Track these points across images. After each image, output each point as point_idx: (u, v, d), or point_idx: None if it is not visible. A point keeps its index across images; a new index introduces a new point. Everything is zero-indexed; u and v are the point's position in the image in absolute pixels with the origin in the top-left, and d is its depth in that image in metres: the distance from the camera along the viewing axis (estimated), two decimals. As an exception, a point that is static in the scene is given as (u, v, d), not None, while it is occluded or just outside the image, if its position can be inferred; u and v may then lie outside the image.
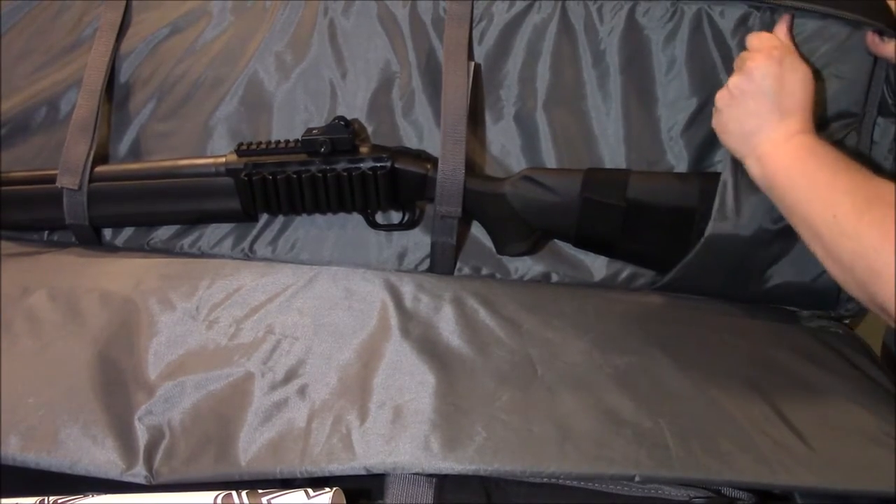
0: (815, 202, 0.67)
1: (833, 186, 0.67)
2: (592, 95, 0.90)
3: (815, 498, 0.62)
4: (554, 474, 0.60)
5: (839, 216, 0.65)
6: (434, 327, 0.75)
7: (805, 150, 0.71)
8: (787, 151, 0.71)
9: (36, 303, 0.77)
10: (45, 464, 0.62)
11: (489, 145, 0.92)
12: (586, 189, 0.84)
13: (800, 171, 0.69)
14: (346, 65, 0.93)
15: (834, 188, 0.67)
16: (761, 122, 0.73)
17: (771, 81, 0.73)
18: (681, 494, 0.63)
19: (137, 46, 0.96)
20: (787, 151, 0.71)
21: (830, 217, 0.65)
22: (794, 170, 0.70)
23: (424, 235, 0.92)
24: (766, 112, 0.73)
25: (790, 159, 0.71)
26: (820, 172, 0.68)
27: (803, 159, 0.70)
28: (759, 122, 0.73)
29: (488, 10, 0.90)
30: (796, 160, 0.70)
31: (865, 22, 0.82)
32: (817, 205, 0.67)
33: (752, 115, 0.73)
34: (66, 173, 0.90)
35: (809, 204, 0.68)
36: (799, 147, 0.71)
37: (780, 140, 0.72)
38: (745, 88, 0.74)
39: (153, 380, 0.69)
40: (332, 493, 0.58)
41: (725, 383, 0.69)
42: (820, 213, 0.66)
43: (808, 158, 0.70)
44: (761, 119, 0.73)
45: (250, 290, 0.79)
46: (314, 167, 0.86)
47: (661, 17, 0.88)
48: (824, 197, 0.67)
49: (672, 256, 0.84)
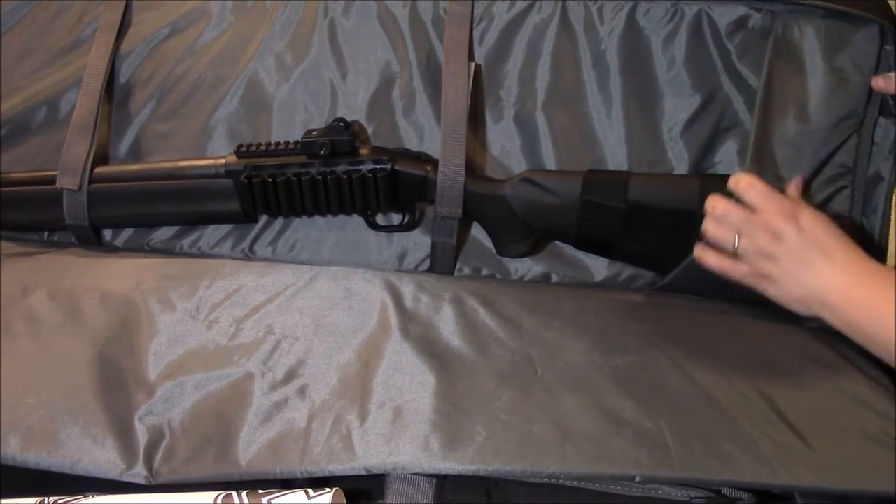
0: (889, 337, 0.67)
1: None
2: (592, 96, 0.90)
3: (815, 498, 0.62)
4: (554, 474, 0.60)
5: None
6: (434, 327, 0.75)
7: (865, 285, 0.70)
8: (851, 293, 0.70)
9: (36, 303, 0.77)
10: (45, 464, 0.62)
11: (489, 146, 0.92)
12: (587, 191, 0.84)
13: (871, 310, 0.69)
14: (346, 65, 0.93)
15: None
16: (820, 276, 0.71)
17: (801, 237, 0.72)
18: (681, 494, 0.62)
19: (137, 46, 0.96)
20: (851, 293, 0.70)
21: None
22: (875, 313, 0.68)
23: (424, 236, 0.92)
24: (820, 265, 0.71)
25: (857, 302, 0.70)
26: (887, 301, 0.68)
27: (868, 295, 0.69)
28: (817, 278, 0.72)
29: (488, 10, 0.90)
30: (862, 299, 0.69)
31: (866, 17, 0.82)
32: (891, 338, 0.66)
33: (810, 276, 0.72)
34: (65, 174, 0.90)
35: (886, 341, 0.67)
36: (859, 283, 0.70)
37: (846, 287, 0.70)
38: (786, 253, 0.73)
39: (153, 380, 0.68)
40: (332, 494, 0.58)
41: (725, 383, 0.69)
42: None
43: (872, 293, 0.69)
44: (818, 273, 0.71)
45: (250, 291, 0.79)
46: (314, 169, 0.86)
47: (661, 17, 0.88)
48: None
49: (672, 258, 0.84)
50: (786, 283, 0.73)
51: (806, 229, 0.72)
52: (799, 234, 0.72)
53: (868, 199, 0.87)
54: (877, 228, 0.87)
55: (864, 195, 0.87)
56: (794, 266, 0.72)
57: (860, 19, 0.84)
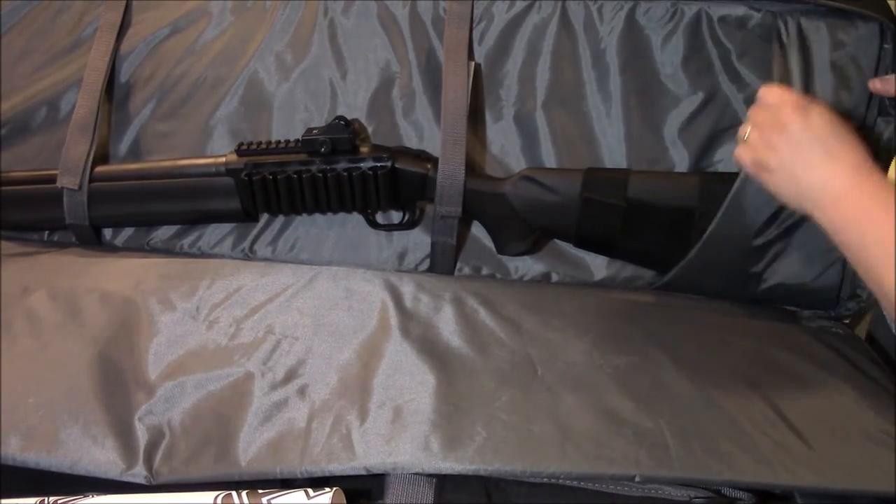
0: (875, 245, 0.64)
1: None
2: (592, 95, 0.90)
3: (815, 498, 0.62)
4: (554, 474, 0.60)
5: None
6: (434, 327, 0.75)
7: (861, 189, 0.67)
8: (844, 194, 0.67)
9: (36, 303, 0.77)
10: (45, 464, 0.62)
11: (489, 145, 0.92)
12: (586, 189, 0.84)
13: (861, 215, 0.66)
14: (346, 65, 0.93)
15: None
16: (817, 175, 0.69)
17: (807, 133, 0.69)
18: (681, 494, 0.62)
19: (137, 46, 0.96)
20: (844, 194, 0.67)
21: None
22: (862, 224, 0.66)
23: (424, 235, 0.92)
24: (818, 163, 0.69)
25: (849, 204, 0.67)
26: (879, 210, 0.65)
27: (861, 199, 0.66)
28: (814, 175, 0.69)
29: (488, 10, 0.90)
30: (855, 203, 0.67)
31: (866, 15, 0.82)
32: (878, 247, 0.64)
33: (805, 170, 0.69)
34: (66, 173, 0.90)
35: (871, 248, 0.65)
36: (855, 187, 0.67)
37: (840, 190, 0.68)
38: (788, 144, 0.70)
39: (153, 380, 0.69)
40: (332, 493, 0.58)
41: (725, 383, 0.69)
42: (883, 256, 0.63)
43: (865, 198, 0.66)
44: (816, 172, 0.69)
45: (250, 290, 0.79)
46: (314, 167, 0.86)
47: (661, 17, 0.88)
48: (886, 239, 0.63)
49: (672, 256, 0.84)
50: (782, 175, 0.71)
51: (813, 125, 0.69)
52: (804, 127, 0.69)
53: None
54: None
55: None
56: (793, 159, 0.70)
57: (860, 18, 0.84)
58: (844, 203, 0.67)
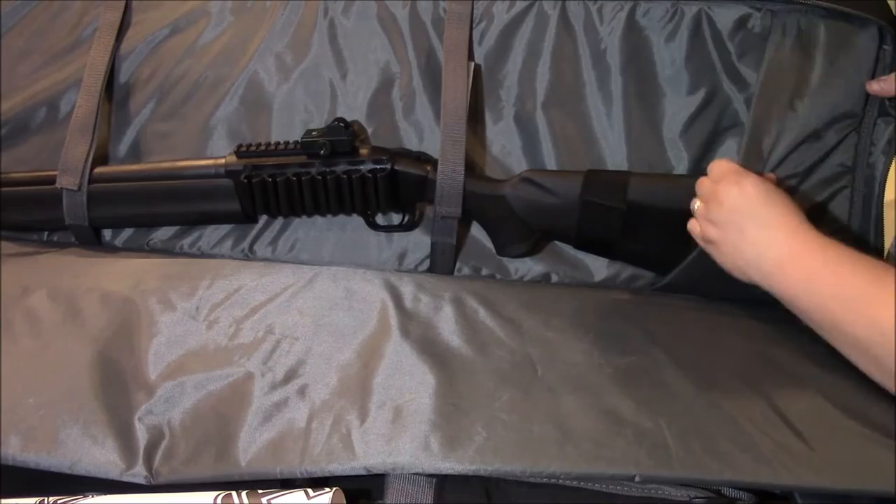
0: (820, 306, 0.65)
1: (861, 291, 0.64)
2: (592, 96, 0.90)
3: (815, 498, 0.62)
4: (554, 474, 0.60)
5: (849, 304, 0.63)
6: (434, 327, 0.75)
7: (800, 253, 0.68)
8: (796, 268, 0.68)
9: (36, 303, 0.77)
10: (45, 464, 0.62)
11: (489, 146, 0.92)
12: (587, 191, 0.84)
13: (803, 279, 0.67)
14: (346, 65, 0.93)
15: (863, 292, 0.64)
16: (755, 244, 0.71)
17: (740, 203, 0.71)
18: (681, 494, 0.62)
19: (137, 47, 0.96)
20: (796, 268, 0.68)
21: (841, 309, 0.64)
22: (814, 285, 0.67)
23: (424, 236, 0.92)
24: (755, 232, 0.71)
25: (804, 274, 0.68)
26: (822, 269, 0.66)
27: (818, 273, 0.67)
28: (753, 246, 0.71)
29: (488, 10, 0.91)
30: (797, 269, 0.68)
31: (865, 17, 0.82)
32: (850, 315, 0.64)
33: (745, 242, 0.71)
34: (65, 174, 0.90)
35: (816, 309, 0.66)
36: (794, 252, 0.68)
37: (784, 257, 0.69)
38: (725, 218, 0.72)
39: (153, 380, 0.68)
40: (332, 493, 0.58)
41: (725, 383, 0.69)
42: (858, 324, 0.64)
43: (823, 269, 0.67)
44: (754, 241, 0.71)
45: (250, 290, 0.79)
46: (314, 169, 0.86)
47: (661, 17, 0.88)
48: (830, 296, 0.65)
49: (672, 258, 0.84)
50: (725, 248, 0.73)
51: (747, 196, 0.71)
52: (738, 198, 0.71)
53: (868, 199, 0.87)
54: (871, 228, 0.88)
55: (864, 195, 0.87)
56: (732, 232, 0.72)
57: (859, 19, 0.84)
58: (791, 268, 0.68)
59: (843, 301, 0.65)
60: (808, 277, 0.67)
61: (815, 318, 0.68)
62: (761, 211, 0.71)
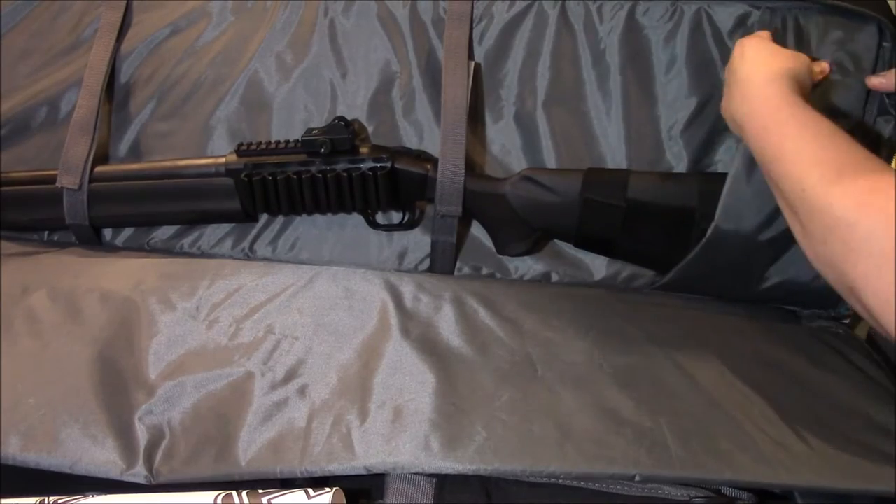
0: (785, 177, 0.65)
1: (800, 156, 0.64)
2: (592, 95, 0.90)
3: (815, 497, 0.62)
4: (554, 474, 0.60)
5: (808, 190, 0.62)
6: (434, 327, 0.75)
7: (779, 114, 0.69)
8: (763, 114, 0.70)
9: (36, 303, 0.77)
10: (45, 464, 0.62)
11: (489, 145, 0.92)
12: (586, 189, 0.84)
13: (773, 140, 0.68)
14: (346, 65, 0.93)
15: (801, 159, 0.64)
16: (734, 100, 0.73)
17: (737, 62, 0.74)
18: (681, 494, 0.62)
19: (138, 47, 0.96)
20: (763, 114, 0.70)
21: (800, 191, 0.63)
22: (768, 136, 0.68)
23: (424, 235, 0.92)
24: (737, 88, 0.73)
25: (765, 121, 0.69)
26: (788, 141, 0.66)
27: (776, 126, 0.68)
28: (733, 99, 0.74)
29: (488, 9, 0.90)
30: (770, 125, 0.69)
31: (865, 14, 0.82)
32: (787, 181, 0.65)
33: (731, 94, 0.74)
34: (66, 173, 0.90)
35: (781, 179, 0.66)
36: (774, 110, 0.69)
37: (760, 100, 0.71)
38: (728, 72, 0.76)
39: (153, 379, 0.69)
40: (332, 493, 0.58)
41: (725, 383, 0.69)
42: (791, 187, 0.64)
43: (781, 126, 0.68)
44: (733, 96, 0.74)
45: (250, 290, 0.79)
46: (314, 167, 0.86)
47: (661, 16, 0.88)
48: (793, 171, 0.64)
49: (672, 256, 0.84)
50: (736, 92, 0.74)
51: (743, 56, 0.74)
52: (736, 58, 0.75)
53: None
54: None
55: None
56: (729, 85, 0.76)
57: (859, 16, 0.84)
58: (751, 122, 0.70)
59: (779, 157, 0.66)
60: (767, 127, 0.69)
61: (773, 178, 0.68)
62: (743, 70, 0.73)
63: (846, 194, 0.59)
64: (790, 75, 0.72)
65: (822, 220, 0.60)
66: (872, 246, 0.56)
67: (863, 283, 0.57)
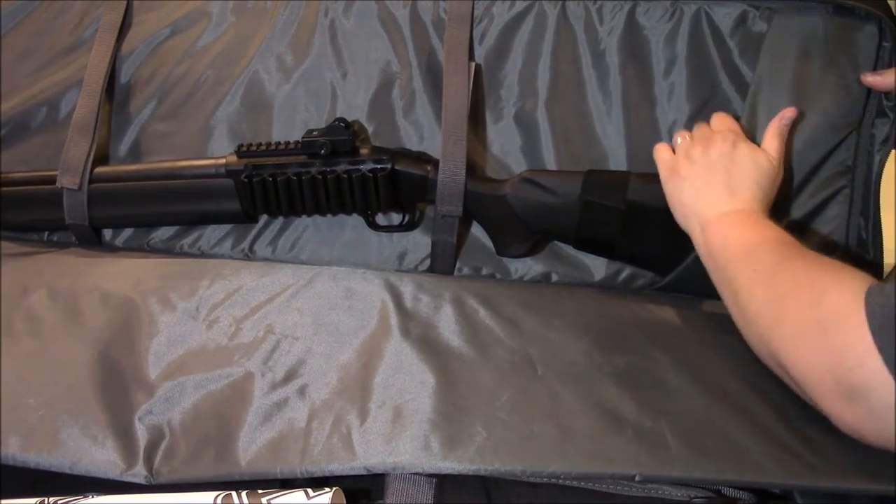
0: (738, 262, 0.69)
1: (759, 247, 0.69)
2: (592, 95, 0.90)
3: (815, 497, 0.62)
4: (554, 474, 0.60)
5: (760, 266, 0.67)
6: (434, 327, 0.75)
7: (742, 220, 0.73)
8: (727, 221, 0.73)
9: (36, 303, 0.77)
10: (45, 464, 0.62)
11: (489, 145, 0.92)
12: (586, 191, 0.84)
13: (733, 237, 0.71)
14: (346, 65, 0.93)
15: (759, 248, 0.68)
16: (713, 197, 0.75)
17: (725, 162, 0.76)
18: (681, 494, 0.62)
19: (138, 47, 0.96)
20: (727, 221, 0.73)
21: (751, 271, 0.67)
22: (728, 237, 0.72)
23: (424, 236, 0.92)
24: (719, 189, 0.75)
25: (727, 228, 0.73)
26: (752, 234, 0.70)
27: (739, 226, 0.72)
28: (711, 196, 0.75)
29: (489, 10, 0.91)
30: (734, 228, 0.72)
31: (865, 13, 0.82)
32: (741, 263, 0.69)
33: (707, 190, 0.76)
34: (66, 173, 0.90)
35: (734, 264, 0.69)
36: (738, 218, 0.73)
37: (724, 211, 0.74)
38: (704, 163, 0.77)
39: (153, 380, 0.68)
40: (332, 493, 0.58)
41: (726, 383, 0.69)
42: (742, 270, 0.68)
43: (743, 226, 0.72)
44: (713, 194, 0.75)
45: (250, 290, 0.79)
46: (314, 169, 0.86)
47: (661, 16, 0.88)
48: (748, 257, 0.68)
49: (672, 258, 0.84)
50: (686, 186, 0.77)
51: (735, 158, 0.76)
52: (726, 155, 0.76)
53: (866, 199, 0.87)
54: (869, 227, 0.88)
55: (863, 195, 0.87)
56: (701, 177, 0.76)
57: (859, 16, 0.84)
58: (716, 227, 0.73)
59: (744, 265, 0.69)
60: (728, 233, 0.72)
61: (719, 285, 0.73)
62: (734, 178, 0.75)
63: (789, 270, 0.64)
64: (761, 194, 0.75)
65: (760, 295, 0.66)
66: (797, 315, 0.61)
67: (784, 352, 0.62)
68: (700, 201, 0.76)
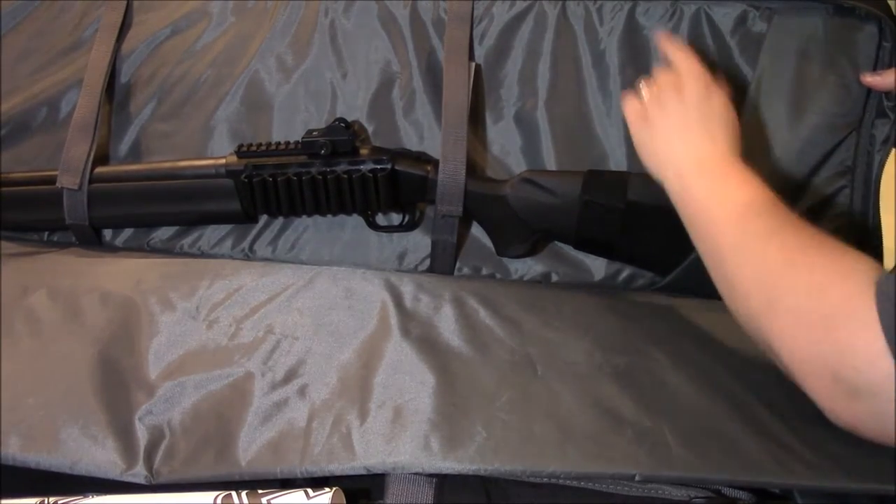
0: (724, 222, 0.65)
1: (747, 209, 0.64)
2: (592, 95, 0.90)
3: (815, 497, 0.62)
4: (554, 474, 0.60)
5: (748, 234, 0.63)
6: (434, 327, 0.75)
7: (726, 171, 0.69)
8: (708, 170, 0.69)
9: (36, 303, 0.77)
10: (46, 464, 0.62)
11: (489, 145, 0.92)
12: (586, 191, 0.84)
13: (717, 191, 0.67)
14: (346, 65, 0.93)
15: (748, 211, 0.64)
16: (691, 143, 0.71)
17: (702, 106, 0.72)
18: (681, 494, 0.62)
19: (138, 47, 0.96)
20: (708, 170, 0.69)
21: (740, 235, 0.63)
22: (712, 189, 0.68)
23: (424, 236, 0.92)
24: (697, 134, 0.71)
25: (709, 179, 0.68)
26: (737, 191, 0.66)
27: (722, 178, 0.68)
28: (688, 142, 0.71)
29: (489, 10, 0.91)
30: (717, 180, 0.68)
31: (865, 12, 0.82)
32: (726, 225, 0.64)
33: (683, 135, 0.72)
34: (66, 173, 0.90)
35: (718, 224, 0.65)
36: (720, 168, 0.69)
37: (704, 159, 0.70)
38: (677, 109, 0.73)
39: (153, 380, 0.69)
40: (332, 493, 0.58)
41: (725, 383, 0.69)
42: (728, 233, 0.64)
43: (727, 179, 0.68)
44: (691, 140, 0.71)
45: (250, 290, 0.79)
46: (314, 169, 0.86)
47: (661, 16, 0.88)
48: (735, 218, 0.64)
49: (672, 258, 0.84)
50: (660, 134, 0.73)
51: (711, 101, 0.73)
52: (703, 98, 0.72)
53: (866, 199, 0.87)
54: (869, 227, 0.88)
55: (863, 195, 0.87)
56: (675, 123, 0.72)
57: (859, 16, 0.84)
58: (699, 178, 0.69)
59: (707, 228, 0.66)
60: (710, 185, 0.68)
61: (696, 236, 0.69)
62: (713, 124, 0.72)
63: (782, 248, 0.60)
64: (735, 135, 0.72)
65: (750, 272, 0.62)
66: (794, 302, 0.57)
67: (778, 340, 0.58)
68: (676, 148, 0.71)
